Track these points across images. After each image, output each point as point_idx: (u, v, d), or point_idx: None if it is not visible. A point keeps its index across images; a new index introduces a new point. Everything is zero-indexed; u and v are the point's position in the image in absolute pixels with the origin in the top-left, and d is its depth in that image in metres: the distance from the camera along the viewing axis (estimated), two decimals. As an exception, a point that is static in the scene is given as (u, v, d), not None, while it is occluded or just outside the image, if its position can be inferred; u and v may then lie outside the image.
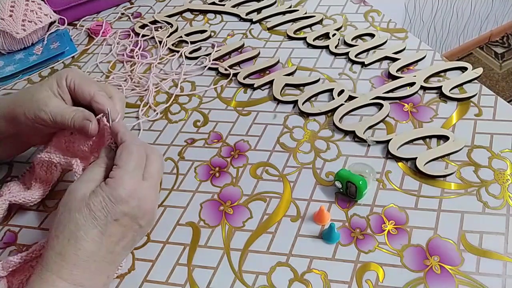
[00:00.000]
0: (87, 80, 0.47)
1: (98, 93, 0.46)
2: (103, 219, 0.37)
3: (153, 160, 0.42)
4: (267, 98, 0.60)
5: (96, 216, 0.37)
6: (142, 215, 0.39)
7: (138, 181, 0.39)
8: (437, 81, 0.58)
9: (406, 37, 0.66)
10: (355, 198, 0.47)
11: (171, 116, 0.60)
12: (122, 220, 0.38)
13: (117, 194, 0.38)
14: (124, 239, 0.39)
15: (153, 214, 0.41)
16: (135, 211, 0.39)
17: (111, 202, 0.38)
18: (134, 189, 0.38)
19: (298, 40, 0.69)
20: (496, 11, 1.92)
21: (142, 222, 0.40)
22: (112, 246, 0.38)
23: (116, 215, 0.38)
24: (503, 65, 1.91)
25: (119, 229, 0.38)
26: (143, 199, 0.39)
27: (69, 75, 0.46)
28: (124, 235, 0.39)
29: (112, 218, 0.38)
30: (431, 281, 0.41)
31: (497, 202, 0.45)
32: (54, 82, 0.46)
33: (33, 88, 0.47)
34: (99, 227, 0.37)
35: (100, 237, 0.37)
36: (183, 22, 0.76)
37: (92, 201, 0.38)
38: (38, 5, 0.74)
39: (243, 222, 0.47)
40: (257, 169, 0.52)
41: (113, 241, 0.38)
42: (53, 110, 0.44)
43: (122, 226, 0.39)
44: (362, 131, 0.53)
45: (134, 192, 0.38)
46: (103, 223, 0.37)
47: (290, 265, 0.43)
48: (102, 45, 0.74)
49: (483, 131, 0.52)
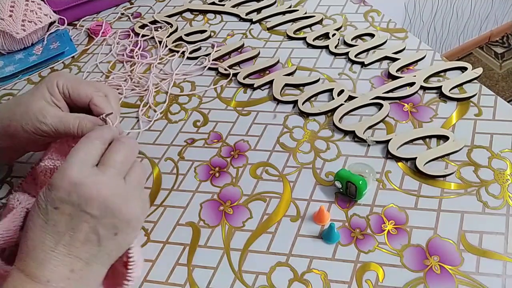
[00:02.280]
0: (80, 82, 0.46)
1: (96, 95, 0.45)
2: (44, 207, 0.37)
3: (117, 149, 0.40)
4: (267, 98, 0.60)
5: (39, 204, 0.37)
6: (85, 201, 0.37)
7: (80, 168, 0.37)
8: (437, 81, 0.59)
9: (406, 37, 0.66)
10: (355, 198, 0.47)
11: (171, 116, 0.60)
12: (63, 208, 0.37)
13: (54, 181, 0.37)
14: (77, 230, 0.37)
15: (107, 202, 0.37)
16: (72, 198, 0.36)
17: (48, 189, 0.37)
18: (71, 175, 0.37)
19: (298, 40, 0.69)
20: (496, 11, 1.92)
21: (92, 211, 0.37)
22: (60, 237, 0.37)
23: (54, 203, 0.36)
24: (503, 65, 1.91)
25: (62, 218, 0.37)
26: (83, 184, 0.36)
27: (60, 80, 0.45)
28: (74, 225, 0.37)
29: (52, 206, 0.36)
30: (431, 281, 0.41)
31: (497, 202, 0.45)
32: (46, 91, 0.45)
33: (25, 100, 0.45)
34: (42, 216, 0.37)
35: (44, 226, 0.36)
36: (183, 22, 0.76)
37: (39, 193, 0.37)
38: (38, 5, 0.74)
39: (243, 222, 0.47)
40: (257, 169, 0.52)
41: (59, 231, 0.37)
42: (53, 121, 0.44)
43: (66, 214, 0.37)
44: (362, 131, 0.53)
45: (72, 178, 0.37)
46: (44, 212, 0.37)
47: (290, 265, 0.43)
48: (102, 45, 0.74)
49: (483, 131, 0.52)
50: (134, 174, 0.41)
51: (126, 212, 0.38)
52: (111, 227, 0.38)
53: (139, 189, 0.42)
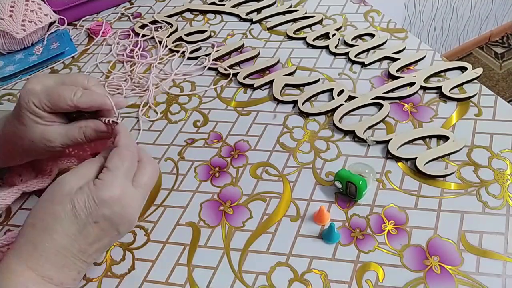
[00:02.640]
0: (53, 90, 0.43)
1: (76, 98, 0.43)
2: (84, 218, 0.37)
3: (146, 170, 0.42)
4: (267, 98, 0.60)
5: (77, 214, 0.37)
6: (122, 222, 0.39)
7: (125, 187, 0.39)
8: (437, 81, 0.59)
9: (406, 37, 0.66)
10: (355, 198, 0.47)
11: (171, 116, 0.60)
12: (102, 224, 0.38)
13: (102, 197, 0.37)
14: (99, 242, 0.39)
15: (133, 222, 0.40)
16: (116, 217, 0.38)
17: (95, 203, 0.37)
18: (119, 195, 0.38)
19: (298, 40, 0.69)
20: (496, 11, 1.92)
21: (120, 229, 0.40)
22: (85, 246, 0.38)
23: (97, 218, 0.38)
24: (503, 65, 1.91)
25: (97, 231, 0.38)
26: (126, 206, 0.39)
27: (34, 99, 0.42)
28: (100, 238, 0.39)
29: (93, 220, 0.37)
30: (431, 281, 0.41)
31: (497, 202, 0.45)
32: (32, 116, 0.43)
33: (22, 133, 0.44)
34: (78, 225, 0.37)
35: (76, 235, 0.37)
36: (183, 22, 0.76)
37: (77, 198, 0.37)
38: (38, 5, 0.74)
39: (243, 222, 0.47)
40: (257, 169, 0.52)
41: (88, 242, 0.38)
42: (60, 140, 0.44)
43: (100, 229, 0.38)
44: (362, 131, 0.53)
45: (119, 198, 0.38)
46: (82, 223, 0.37)
47: (290, 265, 0.43)
48: (102, 45, 0.74)
49: (483, 131, 0.52)
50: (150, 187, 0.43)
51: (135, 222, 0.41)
52: (119, 239, 0.42)
53: None
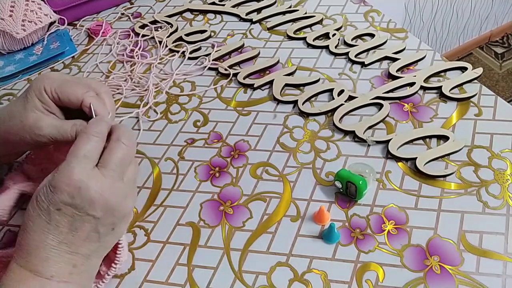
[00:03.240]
0: (68, 83, 0.44)
1: (87, 95, 0.44)
2: (46, 208, 0.37)
3: (113, 148, 0.40)
4: (267, 98, 0.60)
5: (40, 205, 0.37)
6: (89, 205, 0.37)
7: (82, 170, 0.37)
8: (437, 81, 0.59)
9: (406, 37, 0.66)
10: (355, 198, 0.47)
11: (171, 116, 0.60)
12: (65, 210, 0.37)
13: (55, 183, 0.37)
14: (80, 230, 0.38)
15: (109, 203, 0.38)
16: (76, 201, 0.37)
17: (50, 191, 0.37)
18: (74, 178, 0.37)
19: (298, 40, 0.69)
20: (496, 11, 1.92)
21: (95, 213, 0.38)
22: (64, 236, 0.37)
23: (56, 205, 0.37)
24: (503, 65, 1.91)
25: (64, 218, 0.37)
26: (85, 188, 0.37)
27: (47, 85, 0.43)
28: (76, 226, 0.37)
29: (54, 208, 0.37)
30: (431, 281, 0.41)
31: (497, 202, 0.45)
32: (36, 100, 0.43)
33: (18, 113, 0.44)
34: (44, 216, 0.37)
35: (47, 227, 0.37)
36: (183, 22, 0.76)
37: (39, 193, 0.37)
38: (38, 5, 0.74)
39: (243, 222, 0.47)
40: (257, 169, 0.52)
41: (62, 231, 0.37)
42: (50, 131, 0.43)
43: (68, 216, 0.37)
44: (362, 131, 0.53)
45: (74, 181, 0.37)
46: (46, 213, 0.37)
47: (290, 265, 0.43)
48: (102, 45, 0.74)
49: (483, 131, 0.52)
50: (130, 172, 0.41)
51: (124, 209, 0.40)
52: (110, 224, 0.39)
53: (134, 185, 0.42)
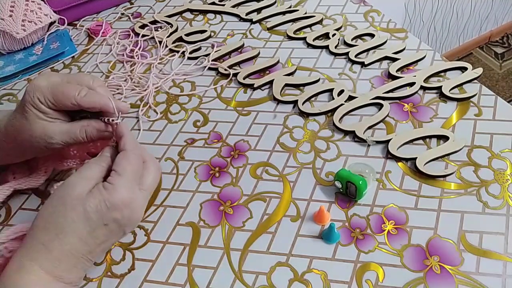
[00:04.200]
0: (58, 87, 0.43)
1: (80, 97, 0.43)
2: (95, 221, 0.39)
3: (150, 171, 0.43)
4: (267, 98, 0.60)
5: (89, 217, 0.38)
6: (129, 224, 0.41)
7: (134, 191, 0.41)
8: (437, 81, 0.58)
9: (406, 37, 0.66)
10: (355, 198, 0.47)
11: (171, 116, 0.60)
12: (111, 226, 0.40)
13: (113, 201, 0.39)
14: (107, 242, 0.41)
15: (137, 223, 0.42)
16: (125, 220, 0.40)
17: (106, 207, 0.39)
18: (129, 199, 0.40)
19: (298, 40, 0.69)
20: (496, 11, 1.92)
21: (127, 230, 0.42)
22: (94, 246, 0.40)
23: (107, 221, 0.39)
24: (503, 65, 1.91)
25: (105, 233, 0.40)
26: (134, 209, 0.40)
27: (39, 95, 0.42)
28: (108, 239, 0.40)
29: (103, 223, 0.39)
30: (431, 281, 0.41)
31: (497, 202, 0.45)
32: (34, 110, 0.43)
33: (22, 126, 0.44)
34: (89, 228, 0.39)
35: (87, 237, 0.39)
36: (183, 22, 0.76)
37: (89, 203, 0.39)
38: (38, 5, 0.74)
39: (243, 222, 0.47)
40: (257, 169, 0.52)
41: (96, 242, 0.39)
42: (61, 137, 0.44)
43: (109, 231, 0.40)
44: (362, 131, 0.53)
45: (129, 202, 0.40)
46: (94, 225, 0.39)
47: (290, 265, 0.43)
48: (102, 45, 0.74)
49: (483, 131, 0.52)
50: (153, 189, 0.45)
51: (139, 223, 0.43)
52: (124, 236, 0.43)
53: None
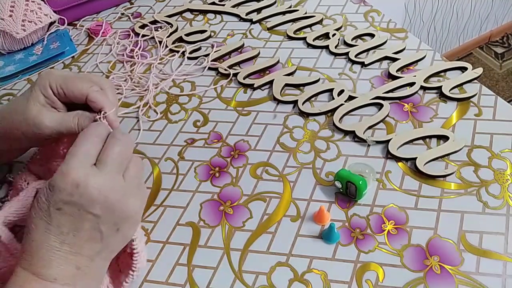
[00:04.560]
0: (73, 78, 0.45)
1: (91, 90, 0.44)
2: (46, 208, 0.37)
3: (111, 145, 0.40)
4: (267, 98, 0.60)
5: (40, 206, 0.37)
6: (87, 202, 0.37)
7: (79, 168, 0.37)
8: (437, 81, 0.58)
9: (406, 37, 0.66)
10: (355, 198, 0.47)
11: (171, 116, 0.60)
12: (66, 209, 0.37)
13: (53, 182, 0.37)
14: (81, 230, 0.37)
15: (108, 201, 0.38)
16: (75, 199, 0.37)
17: (49, 191, 0.37)
18: (72, 176, 0.37)
19: (298, 40, 0.69)
20: (496, 11, 1.92)
21: (94, 211, 0.37)
22: (65, 236, 0.37)
23: (56, 204, 0.37)
24: (503, 65, 1.91)
25: (65, 218, 0.37)
26: (83, 186, 0.37)
27: (52, 81, 0.44)
28: (77, 225, 0.37)
29: (54, 208, 0.37)
30: (431, 281, 0.41)
31: (497, 202, 0.45)
32: (40, 94, 0.44)
33: (21, 107, 0.44)
34: (45, 218, 0.37)
35: (48, 228, 0.37)
36: (183, 22, 0.76)
37: (39, 194, 0.38)
38: (38, 5, 0.74)
39: (243, 222, 0.47)
40: (257, 169, 0.52)
41: (63, 231, 0.37)
42: (52, 124, 0.44)
43: (68, 215, 0.37)
44: (362, 131, 0.53)
45: (73, 179, 0.37)
46: (47, 214, 0.37)
47: (290, 265, 0.43)
48: (102, 45, 0.74)
49: (483, 131, 0.52)
50: (132, 169, 0.41)
51: (126, 209, 0.39)
52: (113, 224, 0.39)
53: (137, 184, 0.42)
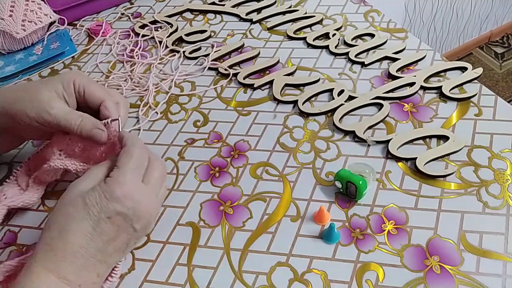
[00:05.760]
0: (95, 84, 0.47)
1: (109, 99, 0.46)
2: (96, 214, 0.38)
3: (155, 166, 0.42)
4: (267, 98, 0.60)
5: (89, 211, 0.38)
6: (136, 218, 0.39)
7: (135, 183, 0.40)
8: (437, 81, 0.59)
9: (406, 37, 0.66)
10: (355, 198, 0.47)
11: (171, 116, 0.60)
12: (115, 219, 0.38)
13: (113, 192, 0.38)
14: (117, 240, 0.39)
15: (149, 219, 0.41)
16: (129, 212, 0.39)
17: (105, 199, 0.38)
18: (130, 190, 0.39)
19: (298, 40, 0.69)
20: (496, 11, 1.92)
21: (136, 226, 0.40)
22: (102, 244, 0.38)
23: (109, 213, 0.38)
24: (503, 65, 1.91)
25: (111, 228, 0.38)
26: (138, 201, 0.39)
27: (77, 79, 0.46)
28: (117, 235, 0.39)
29: (105, 216, 0.38)
30: (431, 281, 0.41)
31: (497, 202, 0.45)
32: (60, 85, 0.46)
33: (34, 87, 0.46)
34: (91, 222, 0.37)
35: (91, 233, 0.37)
36: (183, 22, 0.76)
37: (88, 197, 0.38)
38: (38, 5, 0.74)
39: (243, 222, 0.47)
40: (257, 169, 0.52)
41: (104, 239, 0.38)
42: (58, 113, 0.44)
43: (115, 225, 0.38)
44: (362, 131, 0.53)
45: (130, 193, 0.39)
46: (95, 219, 0.37)
47: (290, 265, 0.43)
48: (102, 45, 0.74)
49: (483, 131, 0.52)
50: (163, 190, 0.44)
51: (152, 225, 0.42)
52: (138, 238, 0.42)
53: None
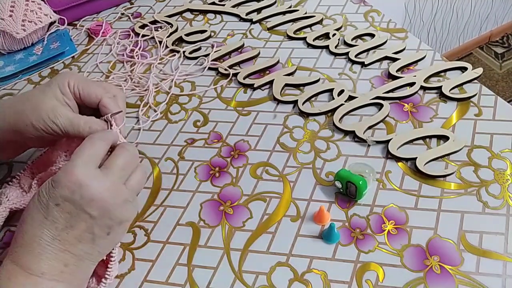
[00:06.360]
0: (90, 82, 0.47)
1: (105, 96, 0.46)
2: (45, 202, 0.38)
3: (117, 153, 0.41)
4: (267, 98, 0.60)
5: (40, 200, 0.38)
6: (86, 202, 0.38)
7: (85, 169, 0.38)
8: (437, 81, 0.59)
9: (406, 37, 0.66)
10: (355, 198, 0.47)
11: (171, 116, 0.60)
12: (64, 206, 0.38)
13: (57, 179, 0.38)
14: (75, 228, 0.38)
15: (104, 205, 0.39)
16: (75, 197, 0.37)
17: (51, 186, 0.38)
18: (77, 176, 0.38)
19: (298, 40, 0.69)
20: (496, 11, 1.92)
21: (92, 212, 0.38)
22: (57, 232, 0.38)
23: (56, 200, 0.37)
24: (503, 65, 1.91)
25: (62, 215, 0.38)
26: (86, 185, 0.38)
27: (71, 79, 0.46)
28: (73, 223, 0.38)
29: (53, 203, 0.38)
30: (431, 281, 0.41)
31: (497, 202, 0.45)
32: (58, 90, 0.45)
33: (36, 97, 0.45)
34: (42, 211, 0.38)
35: (44, 221, 0.37)
36: (183, 22, 0.76)
37: (41, 188, 0.38)
38: (38, 5, 0.74)
39: (243, 222, 0.47)
40: (257, 169, 0.52)
41: (58, 227, 0.38)
42: (64, 122, 0.44)
43: (66, 212, 0.38)
44: (362, 131, 0.53)
45: (76, 178, 0.37)
46: (45, 208, 0.38)
47: (290, 265, 0.43)
48: (102, 45, 0.74)
49: (483, 131, 0.52)
50: (134, 179, 0.42)
51: (121, 215, 0.40)
52: (106, 227, 0.40)
53: (136, 193, 0.43)
